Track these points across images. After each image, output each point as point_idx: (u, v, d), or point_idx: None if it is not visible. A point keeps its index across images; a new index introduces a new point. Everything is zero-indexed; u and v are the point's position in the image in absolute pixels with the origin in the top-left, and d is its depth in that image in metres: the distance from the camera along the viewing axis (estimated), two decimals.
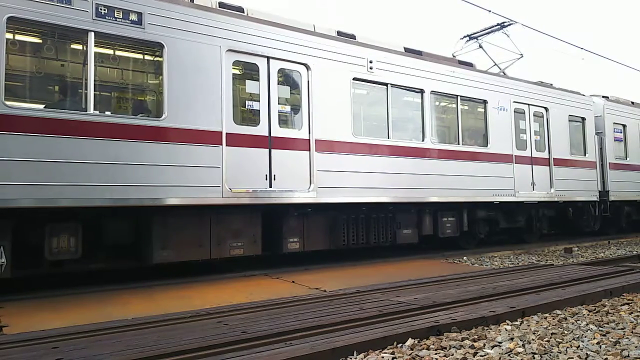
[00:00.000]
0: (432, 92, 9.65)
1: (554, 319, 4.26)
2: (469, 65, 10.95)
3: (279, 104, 7.69)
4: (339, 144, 8.20)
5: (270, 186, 7.44)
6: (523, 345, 3.46)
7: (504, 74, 11.98)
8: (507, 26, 12.35)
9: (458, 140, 10.06)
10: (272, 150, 7.53)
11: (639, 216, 15.07)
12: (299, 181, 7.73)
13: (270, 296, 5.28)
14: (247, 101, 7.52)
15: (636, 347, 3.45)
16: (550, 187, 11.70)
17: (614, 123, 13.95)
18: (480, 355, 3.29)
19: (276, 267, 7.77)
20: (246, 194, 7.17)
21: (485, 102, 10.62)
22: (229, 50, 7.17)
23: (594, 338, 3.68)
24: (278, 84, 7.72)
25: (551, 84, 12.62)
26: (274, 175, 7.48)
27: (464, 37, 12.95)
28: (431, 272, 7.02)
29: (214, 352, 3.21)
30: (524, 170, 11.21)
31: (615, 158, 13.70)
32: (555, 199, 11.82)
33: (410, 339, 3.52)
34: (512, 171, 10.88)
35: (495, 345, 3.49)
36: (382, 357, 3.25)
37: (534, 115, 11.75)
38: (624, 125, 14.26)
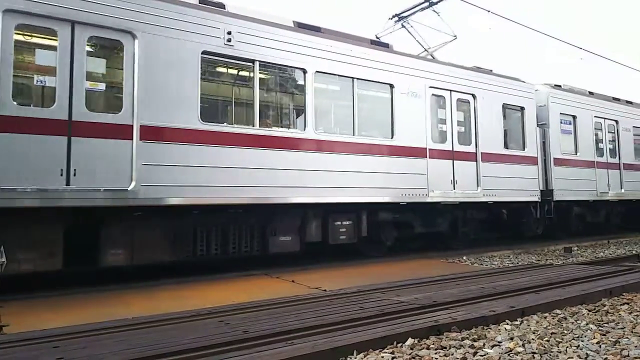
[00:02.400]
0: (318, 72, 8.14)
1: (553, 318, 4.27)
2: (384, 46, 9.45)
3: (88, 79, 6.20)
4: (176, 130, 6.73)
5: (68, 184, 5.93)
6: (523, 345, 3.46)
7: (433, 57, 10.74)
8: (436, 3, 11.07)
9: (353, 131, 8.52)
10: (73, 139, 6.03)
11: (596, 218, 13.64)
12: (113, 177, 6.22)
13: (270, 296, 5.28)
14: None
15: (636, 346, 3.46)
16: (477, 186, 10.15)
17: (562, 114, 12.46)
18: (480, 355, 3.29)
19: (276, 267, 7.77)
20: (29, 194, 5.68)
21: (391, 86, 9.05)
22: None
23: (594, 338, 3.69)
24: (87, 55, 6.27)
25: (490, 70, 11.15)
26: (74, 170, 5.99)
27: (392, 16, 11.58)
28: (431, 271, 7.02)
29: (215, 351, 3.22)
30: (442, 167, 9.61)
31: (562, 153, 12.26)
32: (483, 200, 10.24)
33: (410, 338, 3.53)
34: (426, 167, 9.32)
35: (495, 345, 3.49)
36: (382, 357, 3.26)
37: (457, 103, 10.12)
38: (574, 117, 12.74)
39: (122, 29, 6.46)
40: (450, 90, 10.00)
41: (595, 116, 13.40)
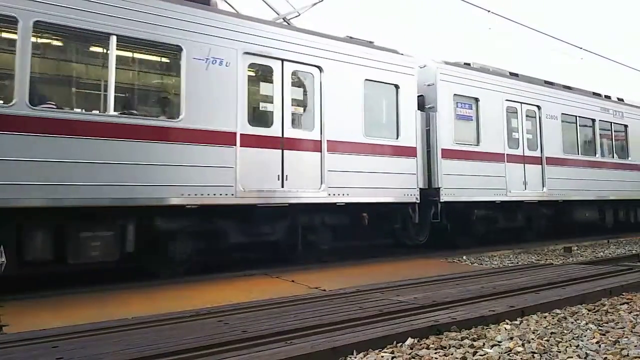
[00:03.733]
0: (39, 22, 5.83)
1: (553, 318, 4.26)
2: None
3: None
4: None
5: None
6: (523, 345, 3.46)
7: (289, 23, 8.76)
8: None
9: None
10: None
11: (512, 222, 11.32)
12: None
13: (270, 295, 5.28)
14: None
15: (635, 346, 3.46)
16: (321, 184, 7.92)
17: (457, 95, 10.09)
18: (480, 355, 3.29)
19: (276, 267, 7.76)
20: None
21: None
22: None
23: (594, 337, 3.69)
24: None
25: (350, 37, 8.90)
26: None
27: None
28: (431, 271, 7.02)
29: (214, 351, 3.21)
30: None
31: (456, 143, 9.94)
32: (327, 200, 8.01)
33: (410, 338, 3.52)
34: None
35: (495, 345, 3.49)
36: (382, 357, 3.26)
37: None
38: (476, 100, 10.39)
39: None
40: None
41: (507, 100, 10.96)
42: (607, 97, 14.05)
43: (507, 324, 4.04)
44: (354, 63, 8.59)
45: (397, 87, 9.09)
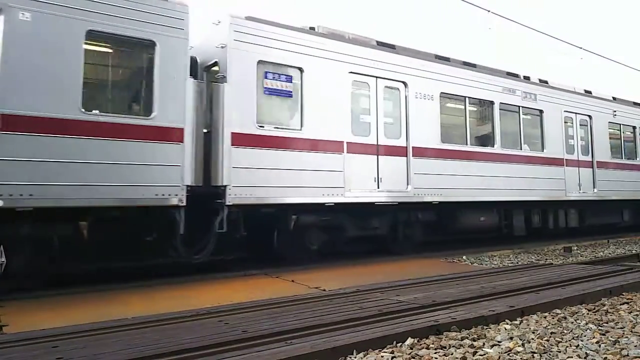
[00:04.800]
0: None
1: (553, 318, 4.26)
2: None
3: None
4: None
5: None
6: (522, 345, 3.46)
7: None
8: None
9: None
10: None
11: (358, 231, 8.93)
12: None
13: (269, 295, 5.28)
14: None
15: (635, 346, 3.45)
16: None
17: (264, 63, 7.67)
18: (480, 355, 3.29)
19: (275, 267, 7.76)
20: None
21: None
22: None
23: (594, 337, 3.68)
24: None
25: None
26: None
27: None
28: (431, 271, 7.02)
29: (214, 351, 3.21)
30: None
31: (259, 126, 7.46)
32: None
33: (410, 338, 3.52)
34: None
35: (495, 345, 3.49)
36: (382, 357, 3.25)
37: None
38: (300, 70, 8.05)
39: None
40: None
41: (353, 72, 8.67)
42: (526, 78, 12.12)
43: (507, 323, 4.04)
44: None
45: (152, 45, 6.68)
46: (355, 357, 3.23)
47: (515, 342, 3.52)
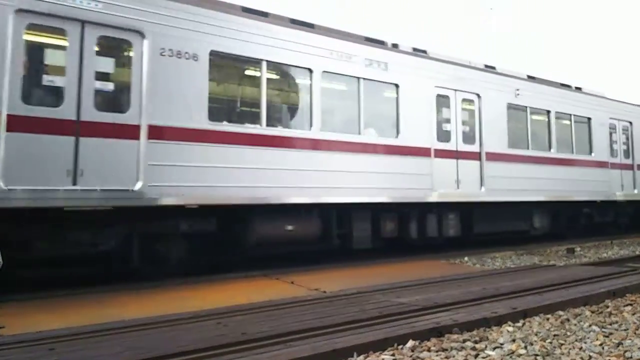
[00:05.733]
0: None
1: (556, 320, 4.22)
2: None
3: None
4: None
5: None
6: (525, 347, 3.42)
7: None
8: None
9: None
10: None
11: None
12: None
13: (269, 297, 5.24)
14: None
15: (639, 348, 3.41)
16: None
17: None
18: (482, 357, 3.25)
19: (276, 268, 7.73)
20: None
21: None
22: None
23: (597, 339, 3.65)
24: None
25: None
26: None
27: None
28: (432, 272, 6.98)
29: (213, 353, 3.18)
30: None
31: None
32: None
33: (411, 340, 3.49)
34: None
35: (497, 347, 3.45)
36: (383, 359, 3.22)
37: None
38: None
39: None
40: None
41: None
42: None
43: (510, 325, 4.00)
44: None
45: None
46: (355, 359, 3.20)
47: (517, 344, 3.48)
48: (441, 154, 9.63)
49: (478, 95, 10.39)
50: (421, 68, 9.57)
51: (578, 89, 13.21)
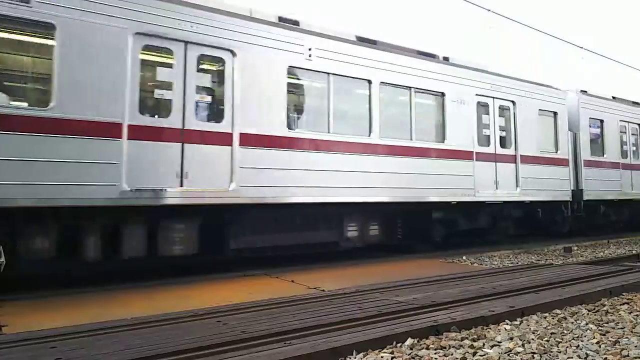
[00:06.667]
0: None
1: (553, 318, 4.25)
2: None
3: None
4: None
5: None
6: (522, 345, 3.45)
7: None
8: None
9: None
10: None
11: None
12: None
13: (269, 295, 5.27)
14: None
15: (636, 346, 3.45)
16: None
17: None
18: (480, 355, 3.28)
19: (275, 267, 7.76)
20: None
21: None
22: None
23: (594, 338, 3.68)
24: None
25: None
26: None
27: None
28: (430, 271, 7.01)
29: (213, 352, 3.20)
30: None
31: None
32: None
33: (409, 338, 3.51)
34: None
35: (495, 345, 3.48)
36: (382, 357, 3.25)
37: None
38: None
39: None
40: None
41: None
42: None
43: (507, 324, 4.03)
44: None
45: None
46: (354, 358, 3.22)
47: (515, 342, 3.51)
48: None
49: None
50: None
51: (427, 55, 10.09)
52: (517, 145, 11.23)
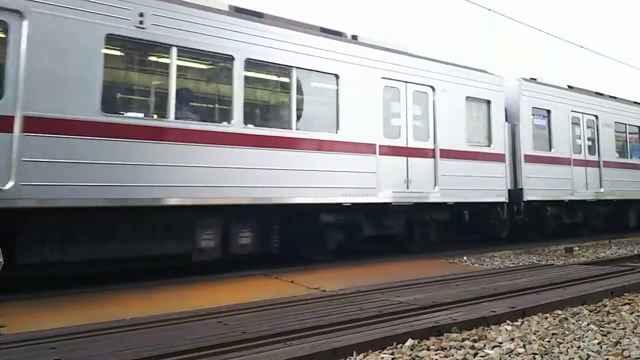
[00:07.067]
0: None
1: (554, 319, 4.24)
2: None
3: None
4: None
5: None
6: (524, 346, 3.44)
7: None
8: None
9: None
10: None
11: None
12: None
13: (269, 296, 5.26)
14: None
15: (637, 347, 3.43)
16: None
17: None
18: (481, 356, 3.27)
19: (275, 267, 7.74)
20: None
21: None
22: None
23: (595, 338, 3.66)
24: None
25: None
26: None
27: None
28: (431, 272, 7.00)
29: (213, 352, 3.19)
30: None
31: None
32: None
33: (410, 339, 3.50)
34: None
35: (496, 346, 3.47)
36: (382, 358, 3.24)
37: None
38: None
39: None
40: None
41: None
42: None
43: (508, 324, 4.02)
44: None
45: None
46: (355, 359, 3.21)
47: (516, 343, 3.50)
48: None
49: None
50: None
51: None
52: (437, 138, 9.66)
